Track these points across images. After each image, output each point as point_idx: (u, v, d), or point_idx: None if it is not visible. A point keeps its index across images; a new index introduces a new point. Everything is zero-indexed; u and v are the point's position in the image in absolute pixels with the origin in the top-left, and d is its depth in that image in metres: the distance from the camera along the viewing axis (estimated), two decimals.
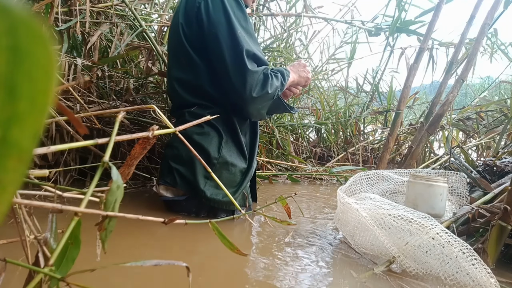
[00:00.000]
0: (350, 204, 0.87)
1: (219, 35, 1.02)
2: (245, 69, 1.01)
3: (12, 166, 0.12)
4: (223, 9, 1.02)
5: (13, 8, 0.11)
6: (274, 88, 1.06)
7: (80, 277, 0.35)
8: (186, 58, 1.10)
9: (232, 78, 1.03)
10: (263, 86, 1.04)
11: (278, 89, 1.08)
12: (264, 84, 1.04)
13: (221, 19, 1.02)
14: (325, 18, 2.46)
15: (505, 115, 2.25)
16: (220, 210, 1.09)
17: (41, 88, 0.12)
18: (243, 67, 1.01)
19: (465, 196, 1.10)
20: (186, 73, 1.10)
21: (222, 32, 1.02)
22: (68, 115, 0.31)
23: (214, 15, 1.03)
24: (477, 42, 1.63)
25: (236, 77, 1.02)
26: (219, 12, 1.02)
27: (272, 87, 1.05)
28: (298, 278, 0.73)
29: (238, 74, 1.02)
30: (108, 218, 0.35)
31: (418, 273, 0.75)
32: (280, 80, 1.09)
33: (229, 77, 1.03)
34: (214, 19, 1.03)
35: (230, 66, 1.02)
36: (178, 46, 1.12)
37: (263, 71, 1.05)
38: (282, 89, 1.11)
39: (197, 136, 1.06)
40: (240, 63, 1.01)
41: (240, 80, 1.02)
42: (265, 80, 1.04)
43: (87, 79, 0.36)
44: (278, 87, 1.08)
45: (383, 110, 2.72)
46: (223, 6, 1.02)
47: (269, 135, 2.10)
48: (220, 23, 1.02)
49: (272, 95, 1.07)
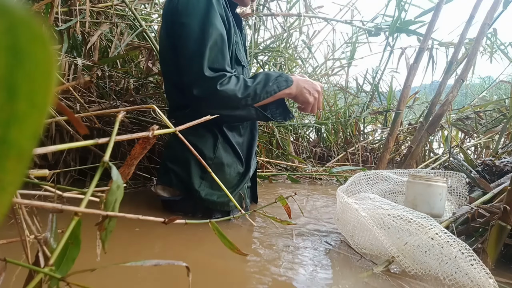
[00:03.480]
0: (349, 204, 0.87)
1: (188, 29, 0.99)
2: (202, 69, 0.97)
3: (12, 166, 0.12)
4: (186, 11, 0.99)
5: (13, 8, 0.11)
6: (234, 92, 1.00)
7: (80, 277, 0.35)
8: (172, 60, 1.09)
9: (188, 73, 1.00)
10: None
11: (238, 93, 1.01)
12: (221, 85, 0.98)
13: (194, 12, 0.99)
14: (325, 18, 2.46)
15: (504, 115, 2.25)
16: (215, 211, 1.09)
17: (41, 88, 0.12)
18: (201, 65, 0.97)
19: (465, 196, 1.10)
20: (179, 76, 1.10)
21: (192, 26, 0.98)
22: (68, 115, 0.31)
23: (180, 17, 1.00)
24: (477, 42, 1.64)
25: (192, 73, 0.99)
26: (184, 15, 0.99)
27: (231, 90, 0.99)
28: (297, 277, 0.73)
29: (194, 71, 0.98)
30: (108, 218, 0.35)
31: (417, 273, 0.75)
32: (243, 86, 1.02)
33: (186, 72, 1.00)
34: (179, 20, 1.00)
35: (189, 59, 0.98)
36: (163, 48, 1.12)
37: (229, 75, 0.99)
38: (255, 95, 1.04)
39: (192, 137, 1.06)
40: (200, 61, 0.97)
41: (193, 78, 0.99)
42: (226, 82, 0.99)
43: (87, 79, 0.35)
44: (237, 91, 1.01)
45: (383, 110, 2.72)
46: (187, 8, 0.99)
47: (269, 135, 2.10)
48: (192, 15, 0.99)
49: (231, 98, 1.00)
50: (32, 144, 0.13)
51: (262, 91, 1.04)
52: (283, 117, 1.14)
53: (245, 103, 1.04)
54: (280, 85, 1.07)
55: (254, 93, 1.03)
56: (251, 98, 1.03)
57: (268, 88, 1.05)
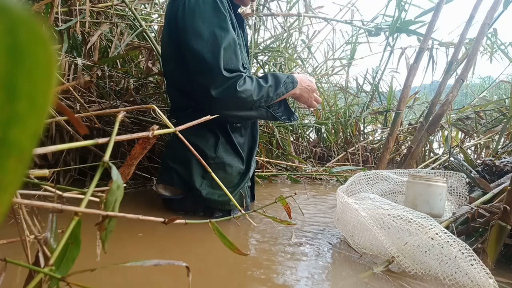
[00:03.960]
0: (349, 204, 0.87)
1: (189, 40, 1.00)
2: (216, 71, 0.98)
3: (12, 166, 0.12)
4: (194, 14, 1.00)
5: (13, 8, 0.11)
6: (249, 94, 1.01)
7: (80, 277, 0.35)
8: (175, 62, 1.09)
9: (199, 79, 1.00)
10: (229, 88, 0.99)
11: (254, 94, 1.03)
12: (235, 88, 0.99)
13: (202, 16, 0.99)
14: (325, 18, 2.46)
15: (504, 114, 2.25)
16: (216, 210, 1.10)
17: (41, 88, 0.12)
18: (216, 68, 0.98)
19: (465, 196, 1.10)
20: (183, 77, 1.10)
21: (192, 38, 0.99)
22: (68, 115, 0.31)
23: (186, 20, 1.00)
24: (477, 42, 1.63)
25: (204, 77, 1.00)
26: (191, 18, 1.00)
27: (246, 92, 1.00)
28: (297, 277, 0.73)
29: (208, 75, 0.99)
30: (108, 218, 0.35)
31: (417, 273, 0.75)
32: (261, 86, 1.04)
33: (198, 77, 1.01)
34: (186, 23, 1.00)
35: (204, 65, 0.99)
36: (166, 50, 1.13)
37: (239, 76, 1.00)
38: (268, 96, 1.06)
39: (193, 137, 1.07)
40: (215, 65, 0.98)
41: (205, 81, 0.99)
42: (239, 84, 1.00)
43: (87, 79, 0.35)
44: (253, 93, 1.02)
45: (383, 110, 2.72)
46: (194, 11, 1.00)
47: (269, 135, 2.10)
48: (190, 28, 0.99)
49: (246, 100, 1.02)
50: (33, 144, 0.13)
51: (274, 93, 1.08)
52: (286, 117, 1.17)
53: (259, 105, 1.07)
54: (287, 87, 1.11)
55: (267, 95, 1.06)
56: (264, 100, 1.06)
57: (279, 90, 1.09)
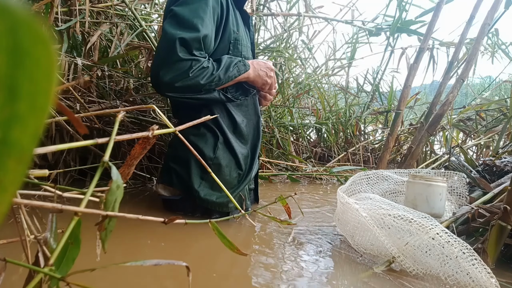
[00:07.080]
0: (350, 204, 0.87)
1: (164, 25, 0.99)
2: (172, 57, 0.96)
3: (12, 166, 0.12)
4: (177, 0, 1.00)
5: (13, 8, 0.11)
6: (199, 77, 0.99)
7: (80, 277, 0.35)
8: None
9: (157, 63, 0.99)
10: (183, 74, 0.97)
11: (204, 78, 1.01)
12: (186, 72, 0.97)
13: (186, 2, 0.99)
14: (325, 18, 2.46)
15: (504, 114, 2.25)
16: (214, 211, 1.09)
17: (41, 88, 0.12)
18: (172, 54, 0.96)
19: (465, 196, 1.10)
20: None
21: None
22: (68, 115, 0.31)
23: (168, 6, 1.02)
24: (477, 42, 1.63)
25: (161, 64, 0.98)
26: (173, 2, 1.01)
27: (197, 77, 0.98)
28: (297, 277, 0.73)
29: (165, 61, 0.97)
30: (108, 218, 0.35)
31: (418, 273, 0.75)
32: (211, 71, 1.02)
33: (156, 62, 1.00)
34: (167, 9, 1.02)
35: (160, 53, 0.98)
36: None
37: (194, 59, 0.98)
38: (219, 79, 1.04)
39: (193, 137, 1.07)
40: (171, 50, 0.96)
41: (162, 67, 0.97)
42: (189, 68, 0.97)
43: (87, 79, 0.36)
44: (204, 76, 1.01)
45: (383, 110, 2.72)
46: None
47: (269, 135, 2.10)
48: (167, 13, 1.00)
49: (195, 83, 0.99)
50: (33, 144, 0.13)
51: (224, 76, 1.05)
52: (245, 95, 1.16)
53: (209, 88, 1.04)
54: (240, 69, 1.09)
55: (218, 78, 1.04)
56: (214, 83, 1.04)
57: (230, 73, 1.06)
